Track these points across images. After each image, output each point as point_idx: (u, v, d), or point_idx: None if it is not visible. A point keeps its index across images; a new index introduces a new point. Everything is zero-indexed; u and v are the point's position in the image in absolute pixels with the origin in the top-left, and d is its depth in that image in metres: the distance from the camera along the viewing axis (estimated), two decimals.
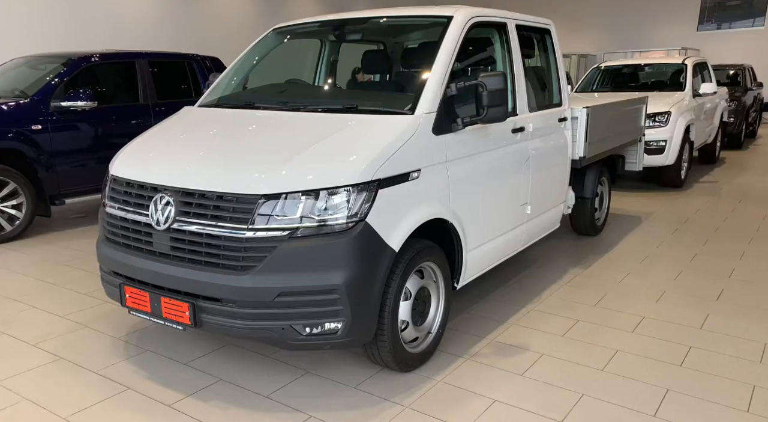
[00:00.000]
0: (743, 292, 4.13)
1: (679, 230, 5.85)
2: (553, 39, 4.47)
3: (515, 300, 3.99)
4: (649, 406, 2.70)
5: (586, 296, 4.08)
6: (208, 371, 3.06)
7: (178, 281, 2.66)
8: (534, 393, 2.82)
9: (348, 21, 3.76)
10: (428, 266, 3.06)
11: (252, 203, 2.54)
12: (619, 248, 5.24)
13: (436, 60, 3.11)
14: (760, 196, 7.48)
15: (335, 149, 2.69)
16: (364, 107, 3.04)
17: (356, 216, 2.56)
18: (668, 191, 7.88)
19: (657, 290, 4.17)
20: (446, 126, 3.06)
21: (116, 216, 2.98)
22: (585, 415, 2.64)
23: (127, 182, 2.97)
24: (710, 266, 4.71)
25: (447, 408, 2.70)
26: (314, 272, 2.51)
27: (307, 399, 2.79)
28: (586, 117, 4.63)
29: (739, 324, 3.59)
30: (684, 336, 3.44)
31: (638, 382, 2.92)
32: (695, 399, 2.77)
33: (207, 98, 3.76)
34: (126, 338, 3.46)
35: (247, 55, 3.98)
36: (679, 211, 6.69)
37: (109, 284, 3.04)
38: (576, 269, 4.64)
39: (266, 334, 2.59)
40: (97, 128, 6.12)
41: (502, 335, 3.47)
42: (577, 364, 3.11)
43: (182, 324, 2.69)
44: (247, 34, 13.40)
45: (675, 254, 5.04)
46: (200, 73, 7.23)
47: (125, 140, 6.31)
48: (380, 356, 2.88)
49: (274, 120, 3.08)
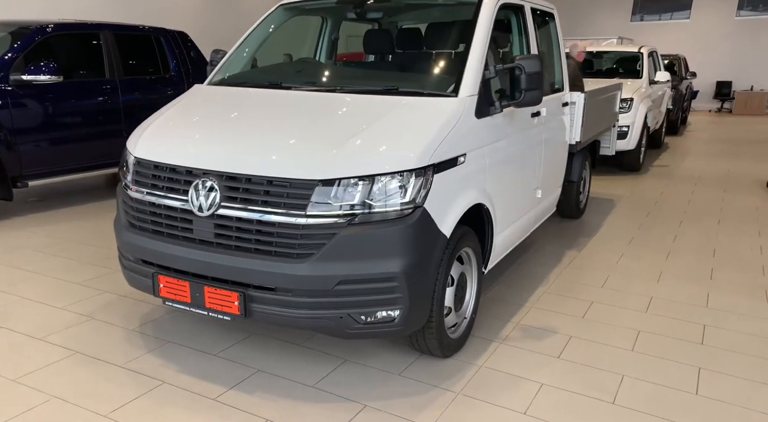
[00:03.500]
0: (731, 271, 4.37)
1: (652, 212, 6.13)
2: (556, 23, 4.52)
3: (524, 284, 4.06)
4: (689, 385, 2.82)
5: (591, 278, 4.21)
6: (243, 362, 2.94)
7: (225, 269, 2.52)
8: (576, 376, 2.89)
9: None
10: (465, 251, 3.05)
11: (308, 189, 2.43)
12: (604, 230, 5.43)
13: (473, 41, 3.07)
14: (711, 178, 7.93)
15: (388, 132, 2.61)
16: (406, 89, 2.96)
17: (414, 202, 2.50)
18: (628, 174, 8.23)
19: (654, 271, 4.36)
20: (485, 109, 3.03)
21: (145, 201, 2.78)
22: (632, 395, 2.72)
23: (155, 165, 2.77)
24: (692, 246, 4.96)
25: (498, 393, 2.72)
26: (373, 260, 2.44)
27: (354, 388, 2.73)
28: (583, 102, 4.73)
29: (740, 302, 3.81)
30: (694, 315, 3.61)
31: (669, 361, 3.05)
32: (728, 376, 2.91)
33: (218, 76, 3.55)
34: (140, 329, 3.26)
35: (256, 32, 3.78)
36: (645, 193, 7.00)
37: (136, 274, 2.84)
38: (572, 252, 4.77)
39: (323, 323, 2.50)
40: (61, 104, 5.68)
41: (525, 318, 3.52)
42: (607, 345, 3.20)
43: (230, 314, 2.56)
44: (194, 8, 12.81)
45: (657, 235, 5.28)
46: (168, 48, 6.85)
47: (92, 119, 5.92)
48: (425, 343, 2.85)
49: (311, 101, 2.95)
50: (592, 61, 10.07)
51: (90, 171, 6.04)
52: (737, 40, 20.18)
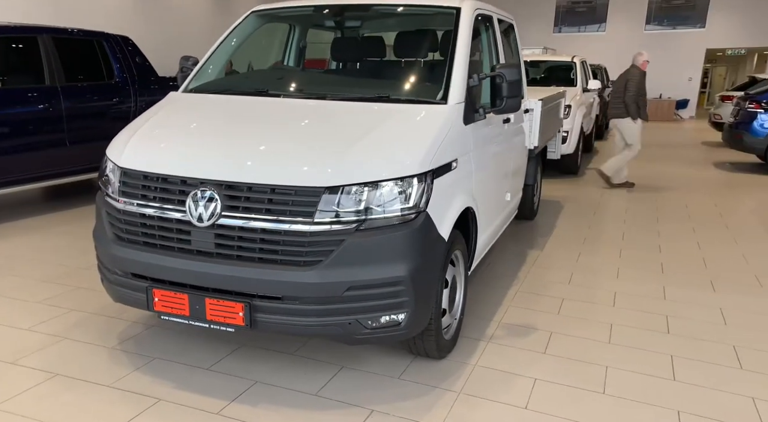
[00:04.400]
0: (677, 265, 4.71)
1: (597, 212, 6.48)
2: (515, 33, 4.71)
3: (497, 283, 4.20)
4: (666, 372, 3.03)
5: (557, 275, 4.41)
6: (238, 374, 2.88)
7: (229, 280, 2.47)
8: (565, 369, 3.02)
9: (347, 7, 3.66)
10: (455, 254, 3.13)
11: (315, 196, 2.43)
12: (557, 231, 5.69)
13: (457, 49, 3.16)
14: (645, 180, 8.47)
15: (389, 139, 2.65)
16: (397, 96, 3.01)
17: (417, 207, 2.55)
18: (567, 177, 8.64)
19: (612, 268, 4.62)
20: (471, 116, 3.13)
21: (135, 213, 2.68)
22: (620, 385, 2.89)
23: (145, 175, 2.68)
24: (640, 243, 5.29)
25: (497, 390, 2.81)
26: (381, 265, 2.47)
27: (358, 394, 2.74)
28: (540, 109, 4.95)
29: (691, 294, 4.11)
30: (656, 307, 3.87)
31: (644, 351, 3.25)
32: (697, 362, 3.15)
33: (195, 83, 3.46)
34: (121, 347, 3.12)
35: (229, 38, 3.71)
36: (587, 195, 7.38)
37: (124, 289, 2.72)
38: (534, 252, 4.98)
39: (331, 330, 2.50)
40: None
41: (506, 316, 3.64)
42: (586, 339, 3.37)
43: (234, 325, 2.51)
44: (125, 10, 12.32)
45: (607, 234, 5.59)
46: (111, 53, 6.56)
47: (32, 128, 5.58)
48: (423, 345, 2.90)
49: (304, 109, 2.94)
50: (528, 70, 10.52)
51: (30, 184, 5.69)
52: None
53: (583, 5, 22.23)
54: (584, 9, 22.38)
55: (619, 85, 7.57)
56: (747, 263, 4.82)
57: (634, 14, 21.61)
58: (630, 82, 7.35)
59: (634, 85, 7.33)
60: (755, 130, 9.51)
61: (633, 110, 7.39)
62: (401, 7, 3.56)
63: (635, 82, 7.34)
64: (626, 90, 7.38)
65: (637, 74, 7.37)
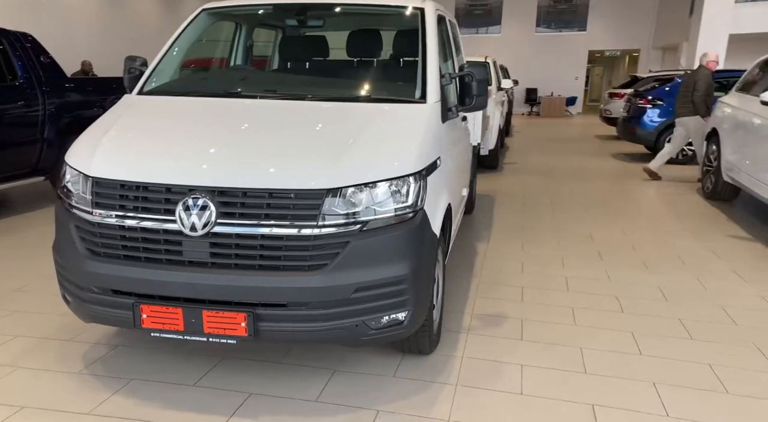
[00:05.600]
0: (611, 251, 5.07)
1: (527, 204, 6.81)
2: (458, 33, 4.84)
3: (458, 275, 4.31)
4: (632, 348, 3.26)
5: (510, 266, 4.59)
6: (229, 387, 2.75)
7: (228, 290, 2.35)
8: (545, 353, 3.17)
9: (309, 6, 3.57)
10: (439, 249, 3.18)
11: (317, 199, 2.38)
12: (498, 223, 5.92)
13: (428, 48, 3.20)
14: (558, 172, 9.01)
15: (381, 139, 2.64)
16: (377, 96, 3.00)
17: (415, 205, 2.57)
18: (489, 172, 9.00)
19: (557, 256, 4.88)
20: (445, 114, 3.19)
21: (113, 225, 2.47)
22: (597, 364, 3.07)
23: (122, 184, 2.48)
24: (574, 232, 5.63)
25: (490, 379, 2.89)
26: (385, 264, 2.46)
27: (358, 396, 2.71)
28: None
29: (630, 275, 4.44)
30: (605, 289, 4.14)
31: (608, 330, 3.48)
32: (655, 336, 3.41)
33: (152, 85, 3.24)
34: (88, 370, 2.87)
35: (181, 37, 3.52)
36: (512, 188, 7.74)
37: (103, 307, 2.51)
38: (482, 244, 5.15)
39: (337, 334, 2.45)
40: None
41: (476, 307, 3.75)
42: (555, 323, 3.55)
43: (236, 337, 2.39)
44: None
45: (542, 224, 5.90)
46: (12, 51, 5.97)
47: None
48: (417, 341, 2.93)
49: (287, 110, 2.85)
50: None
51: None
52: (538, 53, 23.06)
53: (480, 8, 23.22)
54: (481, 12, 23.39)
55: (687, 85, 7.75)
56: (668, 245, 5.28)
57: (526, 17, 22.87)
58: (699, 82, 7.55)
59: (704, 84, 7.53)
60: (645, 123, 10.39)
61: (703, 109, 7.56)
62: (365, 7, 3.55)
63: (705, 81, 7.54)
64: (695, 90, 7.56)
65: (707, 74, 7.58)
